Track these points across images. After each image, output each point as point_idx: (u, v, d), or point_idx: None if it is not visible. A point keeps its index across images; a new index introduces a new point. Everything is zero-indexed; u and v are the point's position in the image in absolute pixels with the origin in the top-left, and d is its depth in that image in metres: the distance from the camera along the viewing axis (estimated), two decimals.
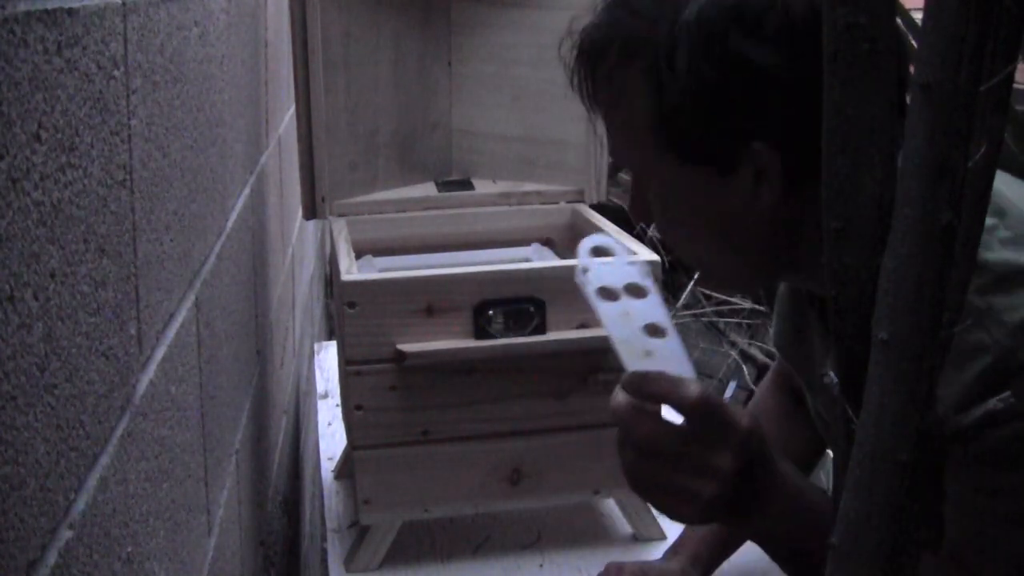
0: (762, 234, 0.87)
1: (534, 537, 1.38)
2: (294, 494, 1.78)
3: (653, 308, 0.79)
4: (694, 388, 0.77)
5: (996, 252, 0.78)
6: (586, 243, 0.82)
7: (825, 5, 0.56)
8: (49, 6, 0.49)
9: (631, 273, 0.80)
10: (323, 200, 1.44)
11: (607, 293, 0.79)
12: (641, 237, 1.74)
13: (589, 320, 1.24)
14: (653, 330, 0.79)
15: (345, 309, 1.19)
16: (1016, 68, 0.52)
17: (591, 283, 0.80)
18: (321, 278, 2.95)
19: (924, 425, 0.57)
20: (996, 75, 0.51)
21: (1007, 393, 0.75)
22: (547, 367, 1.24)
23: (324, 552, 1.49)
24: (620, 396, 0.79)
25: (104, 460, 0.58)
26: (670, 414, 0.80)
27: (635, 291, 0.79)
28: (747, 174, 0.84)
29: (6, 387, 0.44)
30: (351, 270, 1.23)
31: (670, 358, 0.78)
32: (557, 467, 1.28)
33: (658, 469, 0.79)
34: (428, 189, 1.57)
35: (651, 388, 0.78)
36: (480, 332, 1.21)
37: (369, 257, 1.45)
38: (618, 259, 0.81)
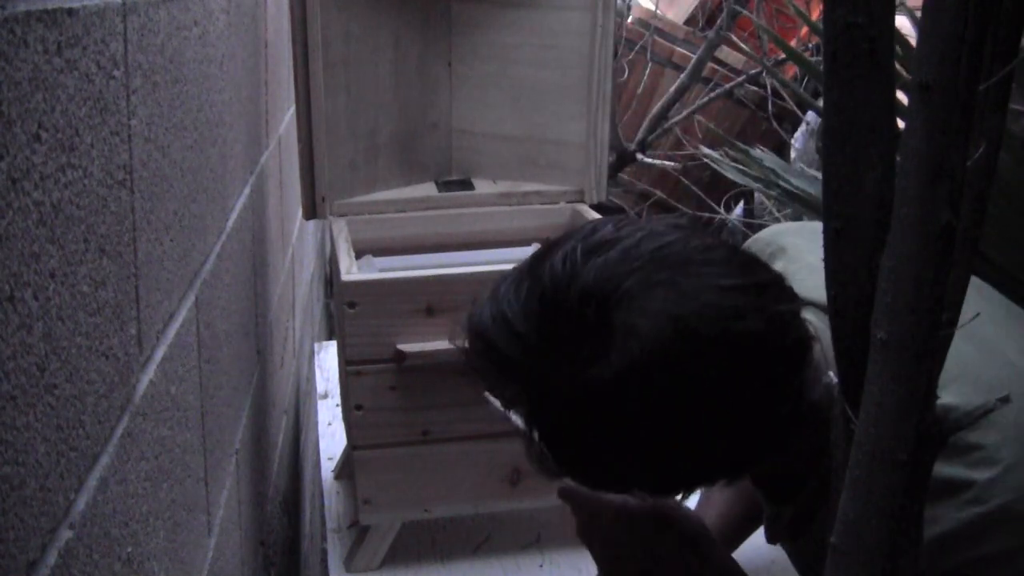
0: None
1: (534, 537, 1.38)
2: (294, 494, 1.78)
3: None
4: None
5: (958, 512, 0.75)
6: None
7: (825, 5, 0.56)
8: (49, 6, 0.49)
9: None
10: (323, 200, 1.44)
11: None
12: None
13: None
14: None
15: (345, 309, 1.19)
16: (1015, 68, 0.52)
17: None
18: (321, 278, 2.94)
19: (923, 425, 0.57)
20: (994, 75, 0.51)
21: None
22: None
23: (324, 552, 1.49)
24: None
25: (104, 460, 0.58)
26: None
27: None
28: None
29: (6, 387, 0.44)
30: (351, 270, 1.23)
31: None
32: None
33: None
34: (428, 189, 1.57)
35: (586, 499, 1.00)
36: None
37: (369, 257, 1.45)
38: None
